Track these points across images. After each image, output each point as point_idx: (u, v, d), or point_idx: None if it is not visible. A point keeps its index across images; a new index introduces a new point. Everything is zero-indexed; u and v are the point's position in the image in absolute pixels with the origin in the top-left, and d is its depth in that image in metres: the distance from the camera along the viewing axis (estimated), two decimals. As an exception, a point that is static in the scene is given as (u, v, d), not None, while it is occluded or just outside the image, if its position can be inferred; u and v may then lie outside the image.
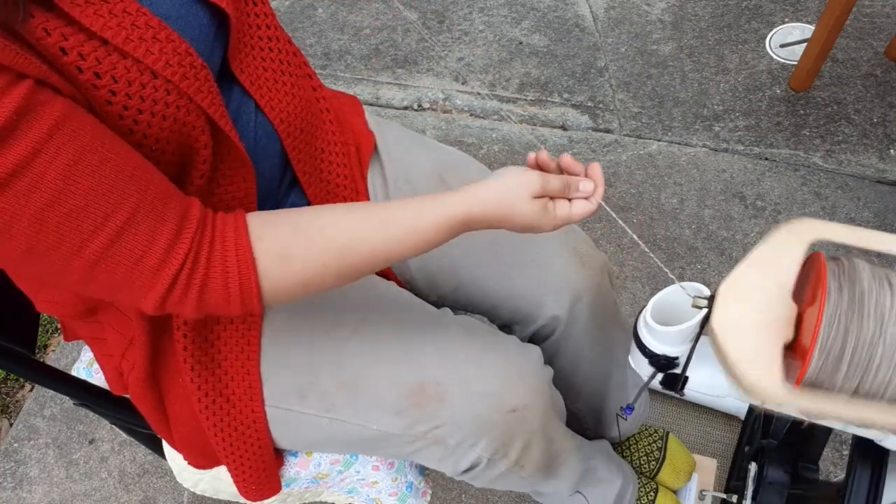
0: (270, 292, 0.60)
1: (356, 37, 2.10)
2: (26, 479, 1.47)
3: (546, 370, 0.83)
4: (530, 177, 0.65)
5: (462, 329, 0.80)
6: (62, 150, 0.49)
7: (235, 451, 0.79)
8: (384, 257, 0.63)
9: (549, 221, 0.66)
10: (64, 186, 0.50)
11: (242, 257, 0.58)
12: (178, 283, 0.56)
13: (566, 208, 0.67)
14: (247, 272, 0.58)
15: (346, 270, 0.62)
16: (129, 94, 0.55)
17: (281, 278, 0.60)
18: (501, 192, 0.64)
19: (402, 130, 0.96)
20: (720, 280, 0.58)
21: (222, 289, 0.58)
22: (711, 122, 1.82)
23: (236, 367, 0.76)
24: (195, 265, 0.57)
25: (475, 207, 0.64)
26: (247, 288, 0.58)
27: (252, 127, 0.72)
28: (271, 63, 0.73)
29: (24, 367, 0.77)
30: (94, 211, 0.51)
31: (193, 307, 0.58)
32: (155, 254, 0.55)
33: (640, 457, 1.18)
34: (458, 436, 0.75)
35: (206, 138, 0.63)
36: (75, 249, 0.52)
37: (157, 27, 0.56)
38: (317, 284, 0.62)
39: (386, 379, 0.75)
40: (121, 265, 0.54)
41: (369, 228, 0.62)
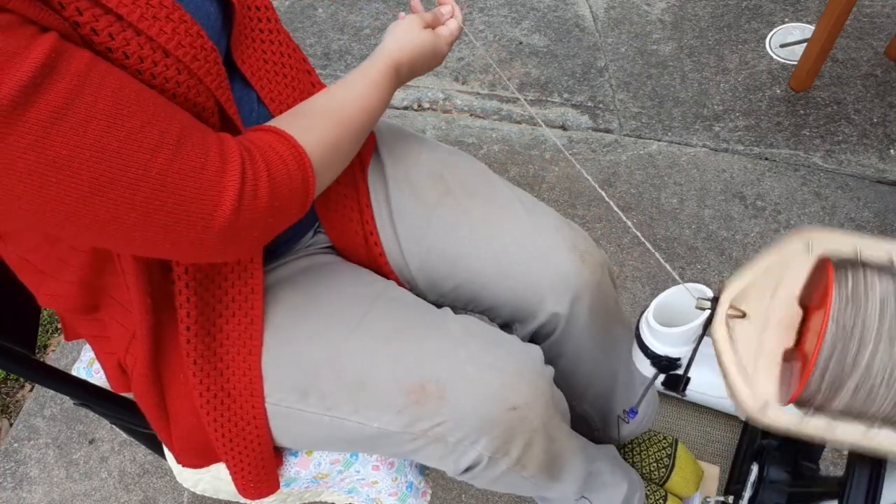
0: (313, 158, 0.65)
1: (356, 37, 2.10)
2: (26, 479, 1.47)
3: (547, 369, 0.83)
4: (411, 18, 0.82)
5: (462, 327, 0.80)
6: (106, 80, 0.50)
7: (235, 447, 0.79)
8: (364, 110, 0.74)
9: (442, 41, 0.84)
10: (116, 111, 0.50)
11: (283, 137, 0.63)
12: (247, 176, 0.58)
13: (446, 29, 0.86)
14: (292, 145, 0.63)
15: (348, 128, 0.71)
16: (139, 70, 0.56)
17: (312, 145, 0.65)
18: (402, 36, 0.80)
19: (401, 130, 0.96)
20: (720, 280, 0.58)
21: (282, 166, 0.61)
22: (711, 122, 1.82)
23: (238, 362, 0.76)
24: (252, 158, 0.59)
25: (394, 53, 0.78)
26: (297, 156, 0.63)
27: (254, 117, 0.73)
28: (272, 56, 0.75)
29: (24, 367, 0.77)
30: (150, 130, 0.52)
31: (267, 196, 0.59)
32: (214, 159, 0.56)
33: (649, 463, 1.17)
34: (458, 434, 0.75)
35: (216, 120, 0.64)
36: (141, 172, 0.52)
37: (171, 7, 0.57)
38: (338, 145, 0.70)
39: (386, 377, 0.75)
40: (188, 177, 0.54)
41: (342, 94, 0.73)
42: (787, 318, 0.58)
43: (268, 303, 0.79)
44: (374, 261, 0.89)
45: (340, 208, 0.86)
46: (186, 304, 0.72)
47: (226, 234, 0.58)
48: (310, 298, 0.80)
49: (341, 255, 0.90)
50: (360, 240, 0.88)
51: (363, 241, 0.88)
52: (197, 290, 0.72)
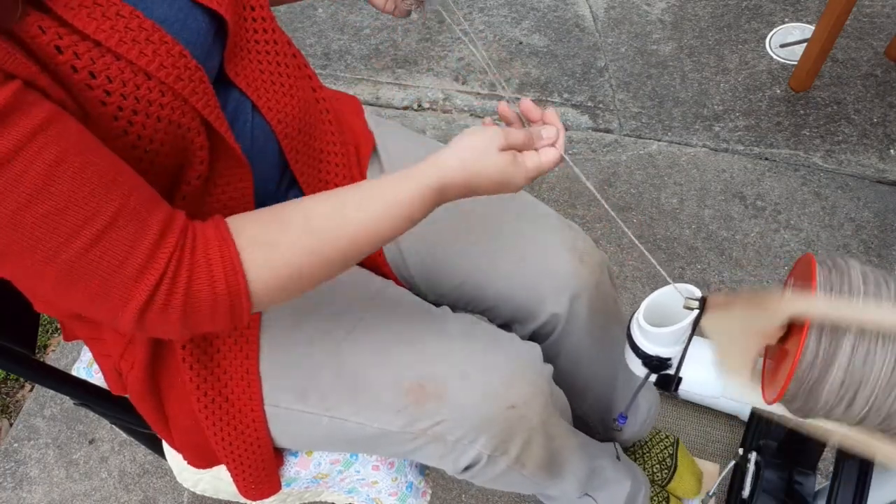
0: (258, 285, 0.58)
1: (356, 37, 2.10)
2: (26, 479, 1.47)
3: (546, 367, 0.83)
4: (492, 131, 0.65)
5: (461, 327, 0.80)
6: (44, 151, 0.49)
7: (235, 450, 0.79)
8: (368, 238, 0.62)
9: (521, 174, 0.66)
10: (43, 187, 0.49)
11: (226, 251, 0.56)
12: (161, 289, 0.54)
13: (535, 158, 0.68)
14: (231, 266, 0.56)
15: (333, 255, 0.61)
16: (123, 95, 0.55)
17: (267, 268, 0.58)
18: (468, 153, 0.64)
19: (401, 130, 0.96)
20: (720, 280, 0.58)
21: (209, 289, 0.55)
22: (711, 122, 1.82)
23: (235, 366, 0.76)
24: (178, 269, 0.55)
25: (446, 172, 0.63)
26: (234, 285, 0.56)
27: (249, 128, 0.72)
28: (268, 65, 0.73)
29: (24, 367, 0.77)
30: (73, 214, 0.50)
31: (178, 316, 0.55)
32: (136, 260, 0.53)
33: (652, 465, 1.17)
34: (457, 432, 0.75)
35: (202, 140, 0.63)
36: (50, 254, 0.51)
37: (150, 29, 0.56)
38: (306, 274, 0.60)
39: (385, 377, 0.76)
40: (98, 272, 0.52)
41: (350, 209, 0.62)
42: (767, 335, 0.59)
43: None
44: (372, 260, 0.89)
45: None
46: None
47: (135, 329, 0.56)
48: (308, 299, 0.80)
49: (341, 255, 0.90)
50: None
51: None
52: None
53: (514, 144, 0.66)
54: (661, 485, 1.17)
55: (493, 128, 0.66)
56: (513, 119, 0.71)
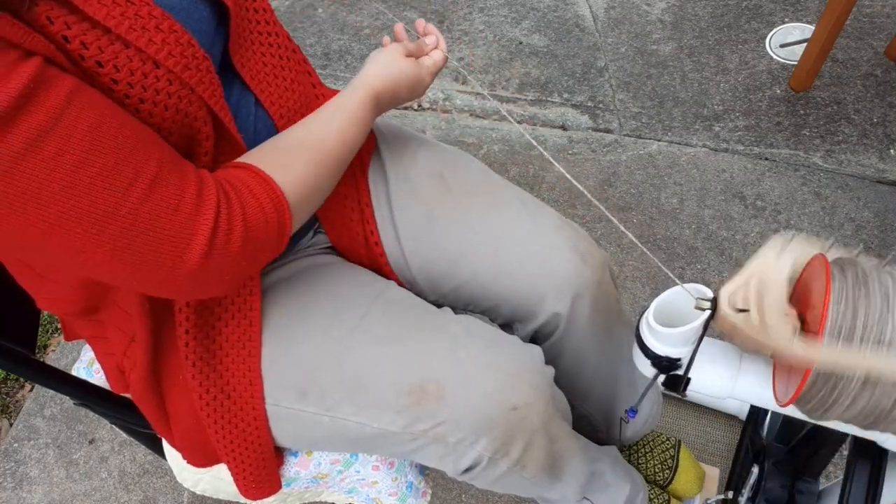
0: (292, 199, 0.64)
1: (356, 37, 2.10)
2: (26, 479, 1.47)
3: (547, 369, 0.83)
4: (392, 46, 0.80)
5: (462, 328, 0.80)
6: (83, 114, 0.50)
7: (235, 448, 0.79)
8: (343, 146, 0.72)
9: (424, 71, 0.82)
10: (91, 147, 0.50)
11: (261, 177, 0.62)
12: (221, 219, 0.57)
13: (429, 59, 0.84)
14: (270, 186, 0.62)
15: (328, 163, 0.70)
16: (130, 84, 0.55)
17: (291, 184, 0.64)
18: (384, 65, 0.78)
19: (402, 130, 0.96)
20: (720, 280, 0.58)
21: (258, 208, 0.60)
22: (711, 122, 1.82)
23: (237, 364, 0.76)
24: (228, 199, 0.58)
25: (373, 82, 0.76)
26: (275, 197, 0.62)
27: (252, 121, 0.73)
28: (271, 58, 0.74)
29: (24, 367, 0.77)
30: (124, 168, 0.52)
31: (240, 239, 0.59)
32: (189, 200, 0.55)
33: (653, 465, 1.17)
34: (458, 434, 0.75)
35: (209, 129, 0.64)
36: (111, 210, 0.52)
37: (159, 17, 0.57)
38: (317, 182, 0.68)
39: (386, 377, 0.75)
40: (159, 218, 0.54)
41: (321, 127, 0.71)
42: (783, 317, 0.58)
43: (267, 304, 0.79)
44: (374, 261, 0.89)
45: (341, 208, 0.86)
46: (185, 308, 0.72)
47: (193, 278, 0.58)
48: (309, 299, 0.80)
49: (341, 255, 0.90)
50: (360, 239, 0.88)
51: (363, 240, 0.88)
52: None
53: (411, 52, 0.82)
54: (661, 486, 1.17)
55: (394, 44, 0.81)
56: (403, 37, 0.87)
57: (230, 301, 0.75)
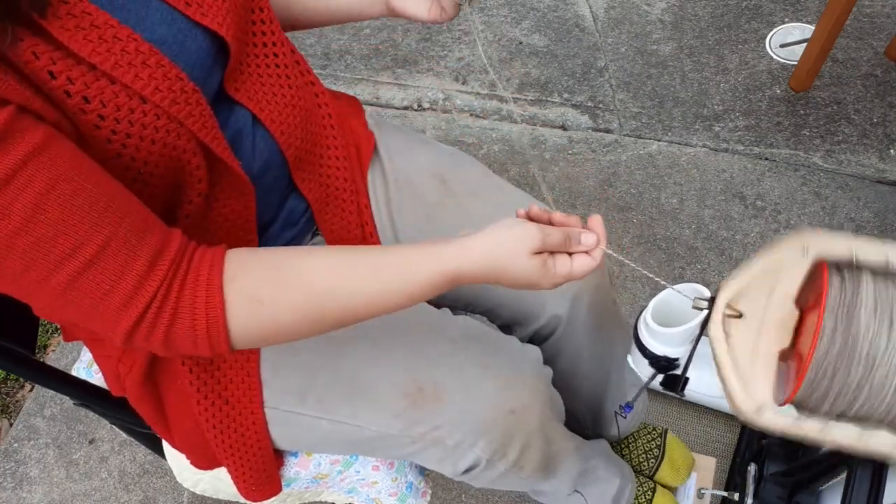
0: (240, 334, 0.58)
1: (356, 37, 2.10)
2: (26, 479, 1.47)
3: (545, 371, 0.83)
4: (528, 230, 0.60)
5: (461, 330, 0.80)
6: (34, 179, 0.49)
7: (235, 452, 0.79)
8: (365, 309, 0.60)
9: (548, 279, 0.62)
10: (33, 215, 0.49)
11: (212, 298, 0.56)
12: (145, 320, 0.55)
13: (567, 265, 0.63)
14: (215, 313, 0.56)
15: (322, 319, 0.60)
16: (117, 119, 0.55)
17: (252, 322, 0.58)
18: (497, 247, 0.60)
19: (402, 130, 0.96)
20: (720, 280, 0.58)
21: (189, 330, 0.56)
22: (711, 122, 1.82)
23: (235, 369, 0.76)
24: (164, 304, 0.55)
25: (468, 263, 0.60)
26: (214, 329, 0.57)
27: (251, 141, 0.71)
28: (269, 78, 0.72)
29: (24, 367, 0.77)
30: (63, 241, 0.51)
31: (160, 346, 0.57)
32: (123, 289, 0.53)
33: (638, 455, 1.18)
34: (456, 436, 0.75)
35: (199, 160, 0.62)
36: (42, 278, 0.51)
37: (146, 53, 0.56)
38: (290, 331, 0.59)
39: (384, 380, 0.75)
40: (87, 298, 0.53)
41: (352, 277, 0.60)
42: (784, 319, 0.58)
43: None
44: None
45: (339, 211, 0.86)
46: None
47: (127, 346, 0.57)
48: None
49: (340, 256, 0.90)
50: (358, 241, 0.88)
51: (362, 242, 0.88)
52: None
53: (549, 247, 0.61)
54: (647, 475, 1.18)
55: (531, 226, 0.60)
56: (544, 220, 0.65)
57: None
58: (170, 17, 0.59)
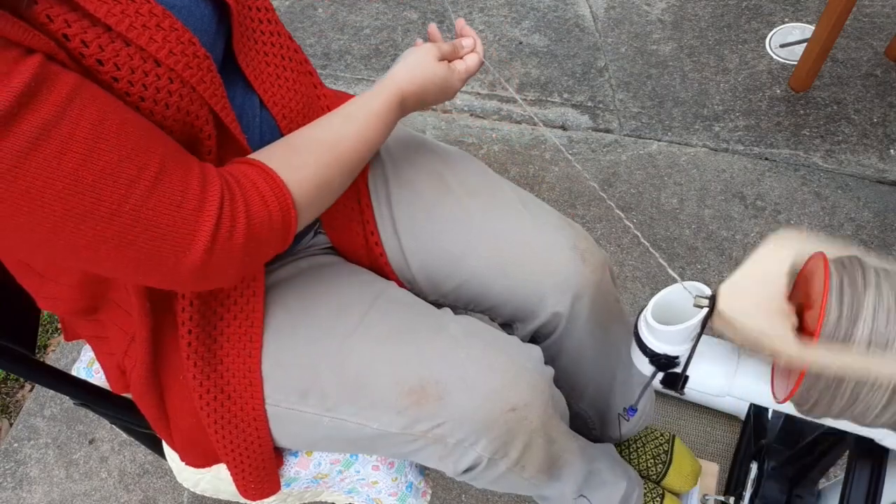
0: (299, 198, 0.64)
1: (356, 37, 2.10)
2: (26, 479, 1.47)
3: (546, 369, 0.83)
4: (426, 47, 0.78)
5: (462, 328, 0.80)
6: (86, 111, 0.50)
7: (235, 448, 0.79)
8: (363, 146, 0.72)
9: (456, 77, 0.80)
10: (94, 144, 0.50)
11: (267, 175, 0.62)
12: (223, 217, 0.57)
13: (462, 63, 0.82)
14: (277, 184, 0.62)
15: (343, 164, 0.70)
16: (131, 82, 0.55)
17: (300, 184, 0.64)
18: (414, 66, 0.77)
19: (402, 130, 0.96)
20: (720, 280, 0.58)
21: (262, 206, 0.60)
22: (711, 122, 1.82)
23: (238, 364, 0.76)
24: (232, 195, 0.58)
25: (402, 85, 0.75)
26: (283, 200, 0.62)
27: (257, 123, 0.73)
28: (273, 58, 0.74)
29: (24, 367, 0.77)
30: (128, 165, 0.52)
31: (242, 241, 0.59)
32: (192, 196, 0.56)
33: (646, 460, 1.17)
34: (457, 435, 0.75)
35: (210, 129, 0.64)
36: (115, 206, 0.52)
37: (161, 16, 0.57)
38: (329, 184, 0.68)
39: (386, 378, 0.75)
40: (163, 214, 0.54)
41: (340, 126, 0.71)
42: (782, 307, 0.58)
43: (268, 304, 0.79)
44: (374, 261, 0.89)
45: (341, 208, 0.86)
46: (189, 308, 0.72)
47: (197, 272, 0.58)
48: (310, 299, 0.80)
49: (342, 255, 0.90)
50: (360, 240, 0.88)
51: (363, 240, 0.88)
52: (198, 293, 0.72)
53: (445, 55, 0.80)
54: (655, 480, 1.17)
55: (427, 44, 0.79)
56: (437, 38, 0.84)
57: (233, 301, 0.75)
58: None
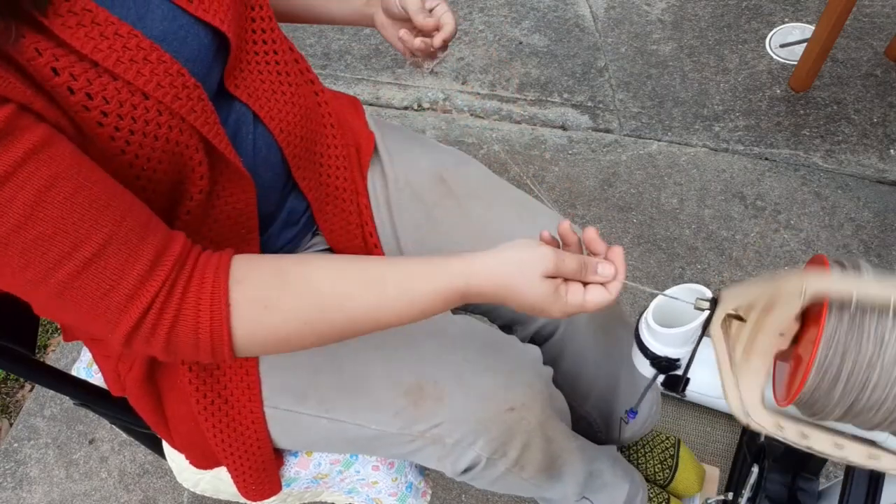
0: (244, 341, 0.57)
1: (356, 37, 2.10)
2: (26, 479, 1.47)
3: (545, 369, 0.82)
4: (543, 253, 0.58)
5: (460, 328, 0.80)
6: (35, 175, 0.48)
7: (235, 451, 0.79)
8: (370, 320, 0.59)
9: (559, 307, 0.60)
10: (31, 213, 0.49)
11: (217, 300, 0.55)
12: (146, 322, 0.54)
13: (579, 295, 0.60)
14: (219, 316, 0.55)
15: (327, 330, 0.59)
16: (120, 115, 0.55)
17: (257, 328, 0.57)
18: (508, 267, 0.58)
19: (402, 130, 0.96)
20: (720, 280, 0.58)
21: (192, 333, 0.55)
22: (711, 122, 1.82)
23: (235, 368, 0.76)
24: (166, 305, 0.54)
25: (477, 280, 0.58)
26: (218, 333, 0.55)
27: (251, 139, 0.71)
28: (269, 75, 0.72)
29: (24, 367, 0.77)
30: (62, 240, 0.50)
31: (161, 349, 0.56)
32: (124, 288, 0.53)
33: (653, 465, 1.17)
34: (456, 435, 0.75)
35: (201, 156, 0.62)
36: (40, 277, 0.51)
37: (148, 49, 0.56)
38: (294, 341, 0.58)
39: (384, 379, 0.75)
40: (86, 298, 0.52)
41: (359, 285, 0.59)
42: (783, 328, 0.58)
43: None
44: (373, 262, 0.89)
45: (339, 211, 0.86)
46: None
47: (127, 349, 0.56)
48: None
49: (340, 255, 0.90)
50: (358, 241, 0.88)
51: (362, 242, 0.88)
52: None
53: (563, 273, 0.59)
54: (661, 485, 1.17)
55: (546, 249, 0.59)
56: (571, 242, 0.63)
57: None
58: (171, 14, 0.59)
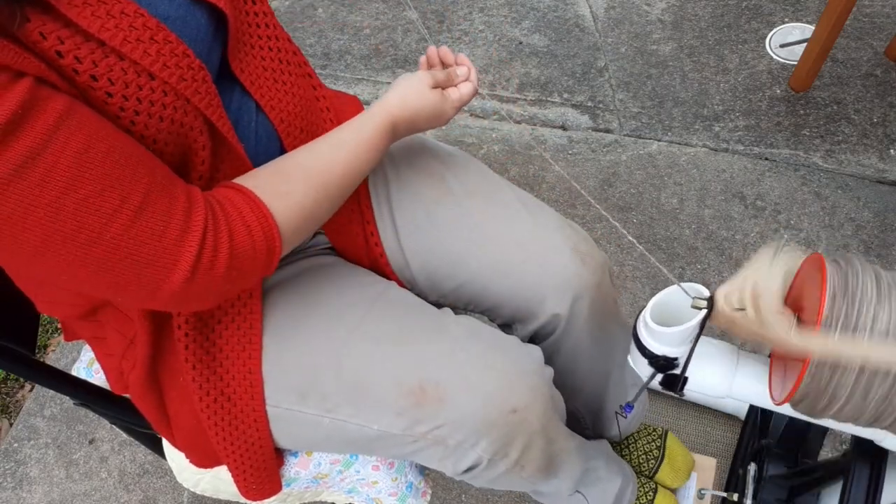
0: (284, 228, 0.64)
1: (356, 37, 2.10)
2: (26, 479, 1.47)
3: (547, 370, 0.83)
4: (420, 74, 0.78)
5: (463, 329, 0.80)
6: (72, 139, 0.50)
7: (236, 450, 0.79)
8: (352, 170, 0.72)
9: (449, 105, 0.80)
10: (78, 173, 0.50)
11: (254, 203, 0.62)
12: (206, 247, 0.57)
13: (456, 92, 0.81)
14: (263, 215, 0.62)
15: (331, 192, 0.70)
16: (125, 96, 0.55)
17: (289, 213, 0.64)
18: (407, 92, 0.76)
19: (402, 130, 0.96)
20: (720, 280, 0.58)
21: (247, 236, 0.60)
22: (711, 122, 1.82)
23: (238, 367, 0.76)
24: (216, 224, 0.59)
25: (393, 111, 0.75)
26: (268, 232, 0.62)
27: (253, 127, 0.72)
28: (271, 62, 0.73)
29: (24, 367, 0.77)
30: (110, 194, 0.52)
31: (224, 271, 0.59)
32: (175, 226, 0.56)
33: (639, 455, 1.18)
34: (458, 436, 0.75)
35: (205, 139, 0.63)
36: (95, 235, 0.52)
37: (154, 28, 0.56)
38: (315, 211, 0.68)
39: (386, 379, 0.75)
40: (144, 244, 0.54)
41: (329, 152, 0.71)
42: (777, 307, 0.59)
43: (268, 305, 0.79)
44: (374, 261, 0.89)
45: (341, 209, 0.86)
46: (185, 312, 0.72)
47: (175, 298, 0.58)
48: (310, 300, 0.80)
49: (341, 255, 0.90)
50: (360, 240, 0.88)
51: (364, 241, 0.88)
52: None
53: (439, 82, 0.80)
54: (648, 475, 1.18)
55: (421, 71, 0.79)
56: (435, 62, 0.84)
57: (230, 304, 0.75)
58: None
